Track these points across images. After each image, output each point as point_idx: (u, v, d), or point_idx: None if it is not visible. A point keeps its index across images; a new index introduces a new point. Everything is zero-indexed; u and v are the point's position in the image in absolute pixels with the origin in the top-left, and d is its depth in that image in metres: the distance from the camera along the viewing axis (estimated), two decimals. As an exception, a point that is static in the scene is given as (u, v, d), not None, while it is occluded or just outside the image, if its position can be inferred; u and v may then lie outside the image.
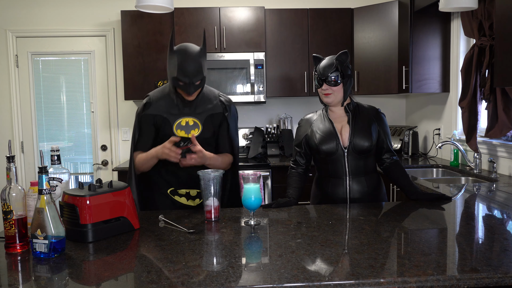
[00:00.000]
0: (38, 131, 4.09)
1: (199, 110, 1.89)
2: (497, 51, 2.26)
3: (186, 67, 1.73)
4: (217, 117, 1.92)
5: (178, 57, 1.75)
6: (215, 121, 1.92)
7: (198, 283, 1.08)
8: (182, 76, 1.74)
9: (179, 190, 1.93)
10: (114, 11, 4.04)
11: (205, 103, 1.90)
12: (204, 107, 1.90)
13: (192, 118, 1.87)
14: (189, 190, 1.93)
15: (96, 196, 1.43)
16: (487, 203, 1.94)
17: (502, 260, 1.18)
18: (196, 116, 1.88)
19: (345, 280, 1.08)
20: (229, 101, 1.98)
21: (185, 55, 1.74)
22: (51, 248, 1.27)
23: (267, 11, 3.81)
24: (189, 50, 1.75)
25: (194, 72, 1.74)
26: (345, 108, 1.99)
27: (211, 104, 1.91)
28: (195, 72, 1.75)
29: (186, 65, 1.73)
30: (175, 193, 1.94)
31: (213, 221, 1.66)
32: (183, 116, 1.86)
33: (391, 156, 2.00)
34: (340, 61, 1.91)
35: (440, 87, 3.50)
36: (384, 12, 3.66)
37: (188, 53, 1.74)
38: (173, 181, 1.93)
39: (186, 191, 1.93)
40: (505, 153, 2.79)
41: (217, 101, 1.93)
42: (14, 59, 3.99)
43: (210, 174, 1.63)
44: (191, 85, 1.77)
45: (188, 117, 1.86)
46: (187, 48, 1.76)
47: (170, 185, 1.93)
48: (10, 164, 1.35)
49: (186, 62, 1.73)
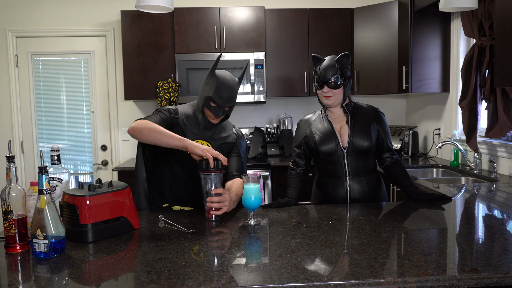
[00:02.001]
0: (38, 131, 4.09)
1: (216, 137, 1.92)
2: (497, 51, 2.26)
3: (224, 91, 1.80)
4: (229, 146, 1.95)
5: (218, 80, 1.81)
6: (225, 150, 1.93)
7: (198, 283, 1.08)
8: (217, 98, 1.80)
9: (174, 207, 1.93)
10: (114, 11, 4.04)
11: (221, 131, 1.95)
12: (220, 135, 1.94)
13: (206, 142, 1.90)
14: (183, 207, 1.93)
15: (96, 196, 1.43)
16: (487, 203, 1.94)
17: (502, 260, 1.18)
18: (211, 141, 1.90)
19: (345, 280, 1.08)
20: (241, 134, 2.02)
21: (225, 80, 1.81)
22: (51, 248, 1.27)
23: (267, 11, 3.81)
24: (230, 77, 1.85)
25: (229, 98, 1.82)
26: (343, 109, 1.99)
27: (226, 133, 1.96)
28: (230, 98, 1.82)
29: (224, 89, 1.80)
30: (169, 209, 1.93)
31: (214, 220, 1.66)
32: (198, 137, 1.88)
33: (392, 155, 2.00)
34: (341, 63, 1.90)
35: (440, 87, 3.50)
36: (384, 12, 3.66)
37: (228, 79, 1.83)
38: (169, 197, 1.92)
39: (180, 208, 1.93)
40: (505, 153, 2.79)
41: (231, 132, 1.98)
42: (14, 59, 3.99)
43: (211, 174, 1.63)
44: (221, 109, 1.83)
45: (203, 140, 1.89)
46: (229, 75, 1.86)
47: (165, 201, 1.93)
48: (10, 164, 1.35)
49: (224, 87, 1.80)
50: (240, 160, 1.94)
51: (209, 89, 1.81)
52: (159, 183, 1.94)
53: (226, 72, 1.87)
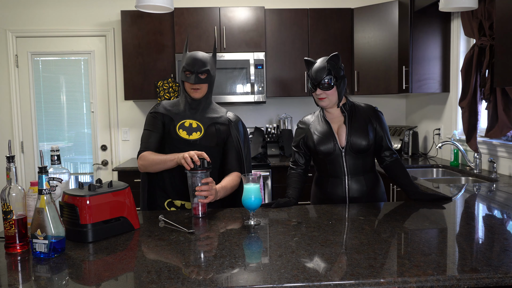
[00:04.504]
0: (38, 131, 4.09)
1: (204, 115, 1.96)
2: (497, 51, 2.26)
3: (193, 59, 1.91)
4: (223, 130, 1.97)
5: (188, 54, 1.95)
6: (220, 133, 1.96)
7: (198, 283, 1.08)
8: (188, 66, 1.90)
9: (175, 201, 1.97)
10: (114, 11, 4.04)
11: (210, 112, 1.98)
12: (210, 115, 1.97)
13: (195, 121, 1.94)
14: (184, 202, 1.97)
15: (96, 196, 1.43)
16: (487, 203, 1.94)
17: (502, 260, 1.18)
18: (200, 120, 1.95)
19: (345, 280, 1.08)
20: (237, 118, 2.04)
21: (194, 53, 1.95)
22: (51, 248, 1.27)
23: (267, 11, 3.81)
24: (198, 51, 1.97)
25: (198, 63, 1.90)
26: (341, 109, 1.99)
27: (217, 114, 1.99)
28: (201, 64, 1.90)
29: (194, 57, 1.92)
30: (171, 205, 1.98)
31: (200, 217, 1.69)
32: (187, 117, 1.95)
33: (392, 154, 2.00)
34: (332, 64, 1.91)
35: (440, 87, 3.50)
36: (384, 12, 3.66)
37: (197, 52, 1.96)
38: (171, 191, 1.97)
39: (181, 202, 1.97)
40: (505, 153, 2.79)
41: (223, 115, 2.00)
42: (14, 59, 3.99)
43: (197, 172, 1.68)
44: (195, 75, 1.90)
45: (192, 120, 1.94)
46: (200, 51, 1.99)
47: (168, 197, 1.98)
48: (10, 164, 1.35)
49: (193, 55, 1.93)
50: (235, 153, 1.98)
51: (183, 64, 1.94)
52: (160, 178, 1.98)
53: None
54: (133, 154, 4.17)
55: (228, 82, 3.72)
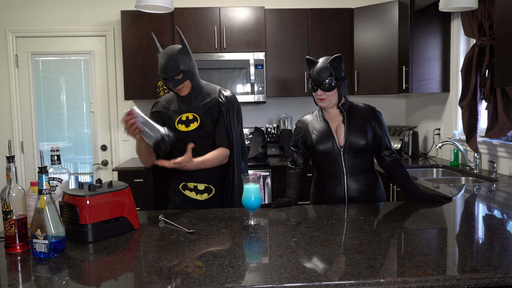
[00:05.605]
0: (38, 131, 4.09)
1: (197, 105, 2.00)
2: (497, 51, 2.26)
3: (163, 64, 1.89)
4: (215, 110, 2.00)
5: (160, 58, 1.92)
6: (213, 114, 1.99)
7: (198, 283, 1.08)
8: (161, 73, 1.90)
9: (188, 184, 2.02)
10: (114, 11, 4.04)
11: (203, 98, 2.01)
12: (202, 101, 2.00)
13: (191, 113, 1.99)
14: (197, 184, 2.01)
15: (96, 196, 1.43)
16: (487, 203, 1.94)
17: (502, 260, 1.18)
18: (195, 111, 1.99)
19: (345, 280, 1.08)
20: (229, 95, 2.04)
21: (164, 55, 1.90)
22: (51, 248, 1.27)
23: (267, 11, 3.81)
24: (167, 50, 1.91)
25: (170, 68, 1.87)
26: (340, 108, 1.99)
27: (209, 98, 2.01)
28: (171, 68, 1.87)
29: (163, 62, 1.89)
30: (185, 188, 2.04)
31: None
32: (183, 112, 2.00)
33: (391, 154, 2.00)
34: (334, 66, 1.91)
35: (440, 87, 3.50)
36: (384, 12, 3.66)
37: (166, 52, 1.90)
38: (184, 175, 2.02)
39: (194, 184, 2.02)
40: (505, 153, 2.79)
41: (215, 95, 2.02)
42: (14, 59, 3.99)
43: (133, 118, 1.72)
44: (171, 80, 1.90)
45: (188, 113, 1.99)
46: (166, 49, 1.93)
47: (182, 180, 2.04)
48: (10, 164, 1.35)
49: (162, 60, 1.90)
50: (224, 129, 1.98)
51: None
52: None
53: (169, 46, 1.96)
54: (133, 154, 4.17)
55: (228, 82, 3.72)
